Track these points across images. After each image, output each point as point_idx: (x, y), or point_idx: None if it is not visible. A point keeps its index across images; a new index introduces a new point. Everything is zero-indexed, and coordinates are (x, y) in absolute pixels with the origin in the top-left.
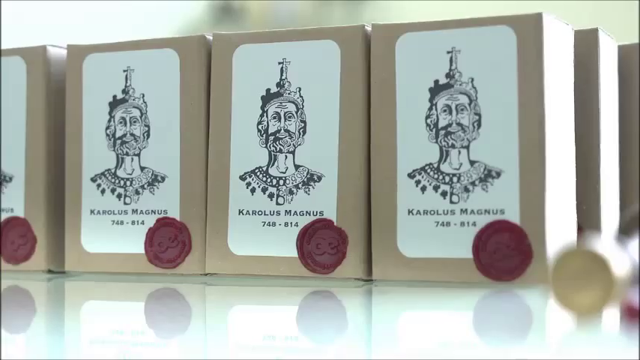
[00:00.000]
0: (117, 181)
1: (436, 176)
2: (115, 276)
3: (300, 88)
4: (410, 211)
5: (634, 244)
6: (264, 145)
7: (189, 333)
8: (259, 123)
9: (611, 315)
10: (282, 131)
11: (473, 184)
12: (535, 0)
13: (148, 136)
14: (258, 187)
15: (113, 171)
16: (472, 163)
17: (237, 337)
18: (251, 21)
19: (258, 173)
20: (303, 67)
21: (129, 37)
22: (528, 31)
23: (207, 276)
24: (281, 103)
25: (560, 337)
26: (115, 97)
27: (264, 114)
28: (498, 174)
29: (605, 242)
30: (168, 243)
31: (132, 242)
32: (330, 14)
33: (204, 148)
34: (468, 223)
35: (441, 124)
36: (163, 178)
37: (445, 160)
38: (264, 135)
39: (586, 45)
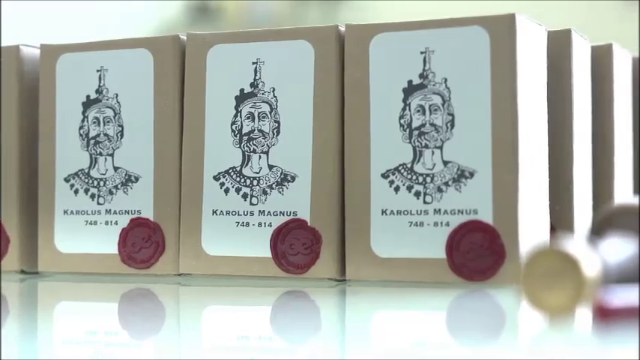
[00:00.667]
0: (90, 181)
1: (410, 176)
2: (88, 276)
3: (274, 89)
4: (383, 211)
5: (605, 245)
6: (238, 146)
7: (163, 333)
8: (233, 123)
9: (583, 315)
10: (256, 131)
11: (446, 184)
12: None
13: (122, 136)
14: (232, 187)
15: (86, 171)
16: (445, 163)
17: (211, 337)
18: (227, 21)
19: (232, 173)
20: (277, 68)
21: (105, 37)
22: (501, 31)
23: (180, 276)
24: (255, 103)
25: (532, 337)
26: (88, 96)
27: (238, 114)
28: (471, 174)
29: (577, 242)
30: (142, 243)
31: (105, 242)
32: (307, 14)
33: (177, 148)
34: (441, 223)
35: (415, 124)
36: (137, 178)
37: (418, 161)
38: (238, 135)
39: (559, 46)
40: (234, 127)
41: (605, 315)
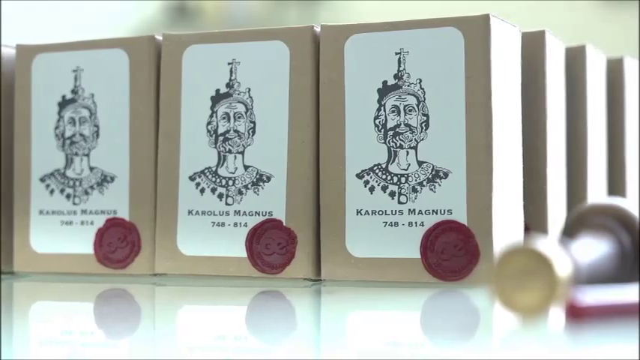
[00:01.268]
0: (66, 182)
1: (384, 177)
2: (64, 276)
3: (249, 89)
4: (358, 212)
5: (577, 245)
6: (214, 146)
7: (139, 333)
8: (209, 123)
9: (555, 315)
10: (232, 132)
11: (421, 184)
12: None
13: (98, 136)
14: (208, 187)
15: (62, 171)
16: (420, 163)
17: (186, 337)
18: (206, 21)
19: (208, 173)
20: (253, 68)
21: (83, 37)
22: (476, 32)
23: (156, 276)
24: (230, 103)
25: (505, 336)
26: (64, 97)
27: (214, 114)
28: (446, 174)
29: (548, 242)
30: (118, 243)
31: (81, 243)
32: (286, 15)
33: (153, 148)
34: (415, 223)
35: (390, 124)
36: (113, 179)
37: (393, 161)
38: (214, 135)
39: (533, 47)
40: (209, 127)
41: (576, 314)
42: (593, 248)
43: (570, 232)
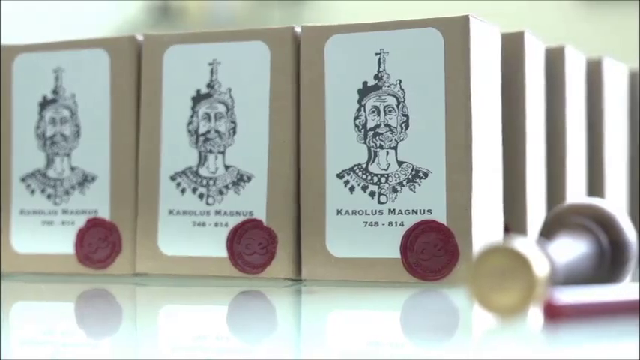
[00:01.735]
0: (47, 182)
1: (364, 177)
2: (45, 276)
3: (230, 89)
4: (339, 212)
5: (555, 245)
6: (195, 146)
7: (120, 333)
8: (189, 123)
9: (533, 314)
10: (213, 132)
11: (401, 184)
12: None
13: (79, 136)
14: (189, 187)
15: (43, 171)
16: (400, 163)
17: (167, 337)
18: (189, 22)
19: (189, 174)
20: (234, 68)
21: (66, 37)
22: (455, 33)
23: (137, 276)
24: (211, 103)
25: (484, 336)
26: (45, 97)
27: (195, 115)
28: (426, 175)
29: (525, 242)
30: (99, 243)
31: (62, 243)
32: (270, 15)
33: (134, 148)
34: (395, 223)
35: (370, 125)
36: (94, 179)
37: (373, 161)
38: (195, 135)
39: (512, 47)
40: (190, 127)
41: (553, 314)
42: (571, 248)
43: (548, 232)
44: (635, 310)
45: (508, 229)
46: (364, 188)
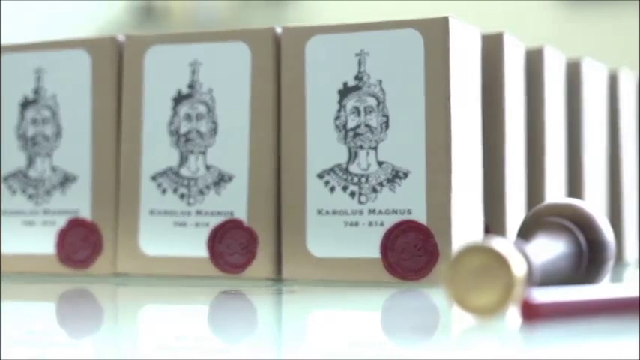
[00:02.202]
0: (28, 182)
1: (345, 177)
2: (26, 277)
3: (211, 90)
4: (319, 212)
5: (533, 245)
6: (176, 146)
7: (101, 333)
8: (171, 124)
9: (511, 314)
10: (194, 132)
11: (381, 184)
12: (449, 0)
13: (60, 136)
14: (170, 187)
15: (24, 172)
16: (380, 164)
17: (148, 336)
18: (173, 22)
19: (170, 174)
20: (215, 69)
21: (50, 37)
22: (435, 34)
23: (118, 276)
24: (192, 104)
25: (463, 335)
26: (26, 97)
27: (176, 115)
28: (406, 175)
29: (502, 242)
30: (80, 243)
31: (43, 243)
32: (254, 15)
33: (115, 148)
34: (376, 223)
35: (350, 125)
36: (75, 179)
37: (354, 161)
38: (176, 136)
39: (492, 48)
40: (171, 127)
41: (531, 313)
42: (549, 248)
43: (527, 231)
44: (613, 309)
45: (489, 229)
46: (344, 188)
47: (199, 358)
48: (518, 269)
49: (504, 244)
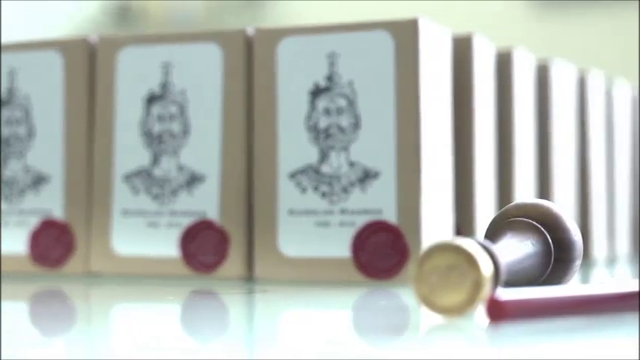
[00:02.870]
0: (1, 182)
1: (316, 177)
2: None
3: (183, 90)
4: (291, 212)
5: (500, 246)
6: (148, 147)
7: (74, 333)
8: (143, 124)
9: (478, 313)
10: (166, 133)
11: (351, 184)
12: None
13: (32, 136)
14: (142, 187)
15: None
16: (351, 164)
17: (120, 336)
18: (150, 23)
19: (142, 174)
20: (187, 70)
21: (22, 38)
22: (405, 36)
23: (91, 276)
24: (165, 104)
25: (432, 335)
26: None
27: (148, 116)
28: (376, 175)
29: (469, 242)
30: (52, 243)
31: (16, 243)
32: (234, 16)
33: (88, 148)
34: (347, 223)
35: (321, 126)
36: (47, 179)
37: (325, 162)
38: (148, 136)
39: (462, 49)
40: (144, 128)
41: (497, 313)
42: (517, 248)
43: (495, 231)
44: (580, 308)
45: (460, 231)
46: (316, 188)
47: (171, 358)
48: (486, 269)
49: (471, 244)
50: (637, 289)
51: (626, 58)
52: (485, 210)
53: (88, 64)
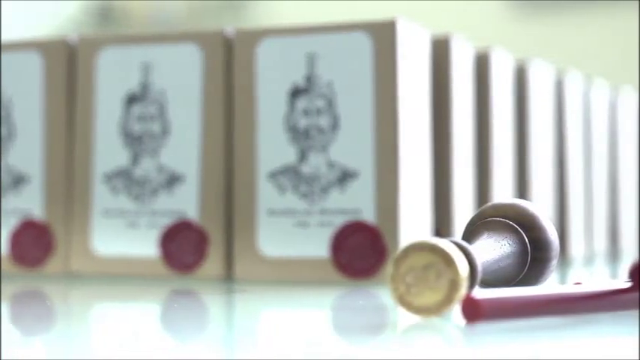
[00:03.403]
0: None
1: (295, 177)
2: None
3: (163, 90)
4: (270, 212)
5: (477, 245)
6: (128, 147)
7: (54, 333)
8: (123, 124)
9: (453, 313)
10: (146, 133)
11: (330, 185)
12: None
13: (13, 136)
14: (122, 187)
15: None
16: (330, 164)
17: (100, 336)
18: (132, 23)
19: (122, 174)
20: (166, 70)
21: (4, 37)
22: (383, 36)
23: (71, 276)
24: (145, 105)
25: (409, 335)
26: None
27: (128, 115)
28: (355, 175)
29: (445, 242)
30: (32, 243)
31: None
32: (217, 16)
33: (68, 148)
34: (326, 223)
35: (300, 126)
36: (27, 179)
37: (304, 162)
38: (128, 136)
39: (440, 50)
40: (123, 128)
41: (473, 312)
42: (494, 247)
43: (472, 231)
44: (556, 307)
45: (438, 230)
46: (295, 189)
47: (151, 358)
48: (462, 268)
49: (447, 244)
50: (613, 288)
51: (605, 58)
52: (463, 210)
53: (67, 65)
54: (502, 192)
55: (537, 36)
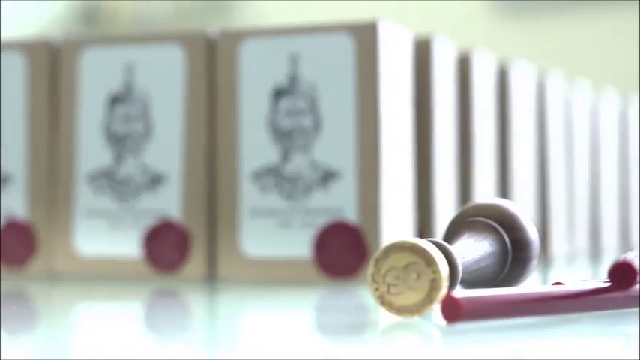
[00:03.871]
0: None
1: (278, 177)
2: None
3: (146, 91)
4: (253, 212)
5: (458, 245)
6: (112, 147)
7: (37, 333)
8: (107, 124)
9: (434, 313)
10: (130, 133)
11: (313, 185)
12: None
13: None
14: (105, 187)
15: None
16: (312, 164)
17: (83, 336)
18: (119, 24)
19: (105, 174)
20: (150, 70)
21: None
22: (365, 37)
23: (53, 276)
24: (128, 105)
25: (390, 334)
26: None
27: (112, 116)
28: (337, 175)
29: (425, 242)
30: (16, 243)
31: None
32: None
33: (51, 149)
34: (308, 223)
35: (283, 126)
36: (11, 179)
37: (286, 162)
38: (112, 136)
39: (422, 51)
40: (107, 128)
41: (453, 312)
42: (474, 247)
43: (453, 232)
44: (535, 307)
45: (421, 230)
46: (277, 188)
47: (134, 358)
48: (442, 268)
49: (427, 244)
50: (592, 288)
51: (586, 59)
52: (445, 210)
53: (50, 65)
54: (484, 192)
55: (519, 37)
